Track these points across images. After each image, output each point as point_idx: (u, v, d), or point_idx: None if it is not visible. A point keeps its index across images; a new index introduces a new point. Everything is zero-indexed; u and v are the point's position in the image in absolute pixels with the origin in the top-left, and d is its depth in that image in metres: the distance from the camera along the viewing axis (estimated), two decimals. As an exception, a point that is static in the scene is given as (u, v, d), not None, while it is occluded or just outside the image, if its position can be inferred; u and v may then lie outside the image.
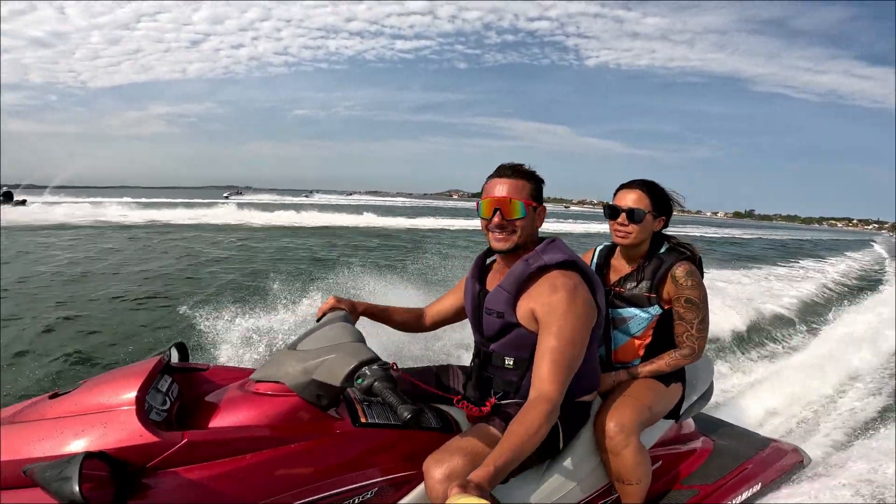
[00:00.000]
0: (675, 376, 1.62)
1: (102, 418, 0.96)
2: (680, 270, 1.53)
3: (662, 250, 1.62)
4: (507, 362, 1.35)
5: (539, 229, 1.38)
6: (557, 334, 1.19)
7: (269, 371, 1.17)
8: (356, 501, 1.11)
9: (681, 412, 1.67)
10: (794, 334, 5.22)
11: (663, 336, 1.60)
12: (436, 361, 1.78)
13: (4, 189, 28.61)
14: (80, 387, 1.07)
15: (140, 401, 1.00)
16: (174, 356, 1.32)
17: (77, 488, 0.78)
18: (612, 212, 1.59)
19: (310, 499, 1.05)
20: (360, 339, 1.19)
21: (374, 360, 1.07)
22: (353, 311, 1.49)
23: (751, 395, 3.18)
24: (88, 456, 0.84)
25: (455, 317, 1.65)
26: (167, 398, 1.11)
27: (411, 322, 1.65)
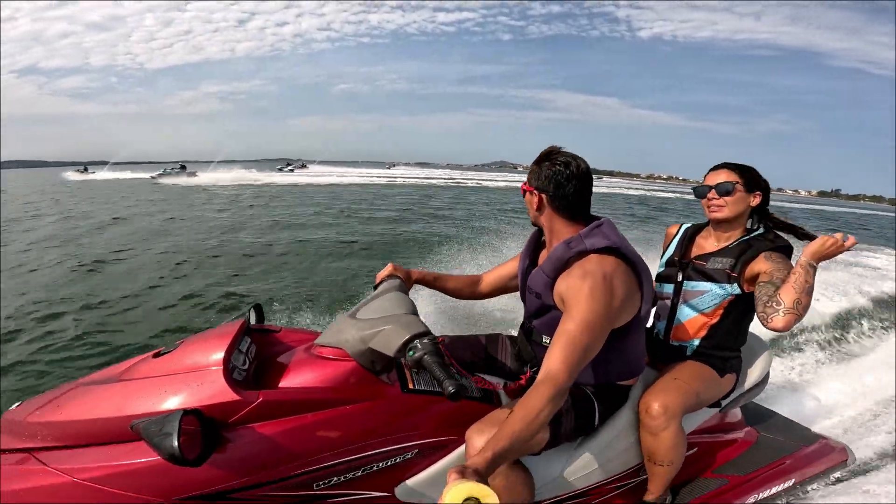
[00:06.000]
0: (730, 367, 1.59)
1: (195, 377, 1.09)
2: (764, 258, 1.47)
3: (756, 234, 1.56)
4: (544, 340, 1.37)
5: None
6: (576, 318, 1.17)
7: (331, 337, 1.27)
8: (399, 459, 1.23)
9: (724, 403, 1.65)
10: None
11: (731, 321, 1.57)
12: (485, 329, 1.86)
13: (180, 164, 39.54)
14: (179, 347, 1.22)
15: (226, 361, 1.12)
16: (252, 318, 1.47)
17: (176, 443, 0.86)
18: (700, 192, 1.62)
19: (359, 455, 1.18)
20: (414, 311, 1.26)
21: (426, 333, 1.13)
22: (407, 278, 1.56)
23: (825, 384, 3.00)
24: (185, 413, 0.94)
25: (512, 285, 1.67)
26: (246, 358, 1.25)
27: (465, 289, 1.69)
